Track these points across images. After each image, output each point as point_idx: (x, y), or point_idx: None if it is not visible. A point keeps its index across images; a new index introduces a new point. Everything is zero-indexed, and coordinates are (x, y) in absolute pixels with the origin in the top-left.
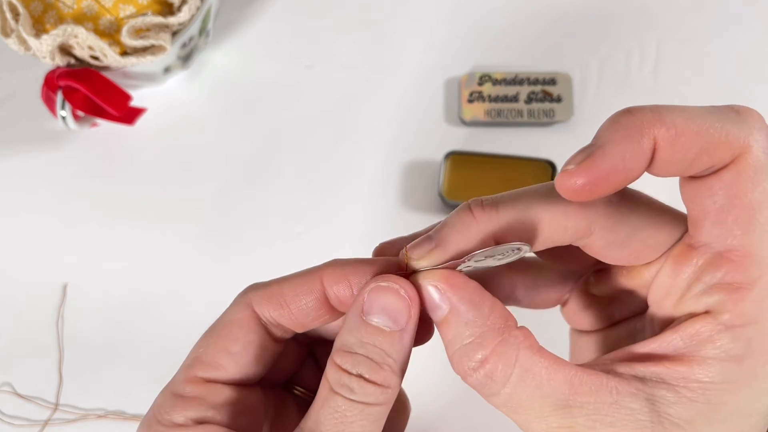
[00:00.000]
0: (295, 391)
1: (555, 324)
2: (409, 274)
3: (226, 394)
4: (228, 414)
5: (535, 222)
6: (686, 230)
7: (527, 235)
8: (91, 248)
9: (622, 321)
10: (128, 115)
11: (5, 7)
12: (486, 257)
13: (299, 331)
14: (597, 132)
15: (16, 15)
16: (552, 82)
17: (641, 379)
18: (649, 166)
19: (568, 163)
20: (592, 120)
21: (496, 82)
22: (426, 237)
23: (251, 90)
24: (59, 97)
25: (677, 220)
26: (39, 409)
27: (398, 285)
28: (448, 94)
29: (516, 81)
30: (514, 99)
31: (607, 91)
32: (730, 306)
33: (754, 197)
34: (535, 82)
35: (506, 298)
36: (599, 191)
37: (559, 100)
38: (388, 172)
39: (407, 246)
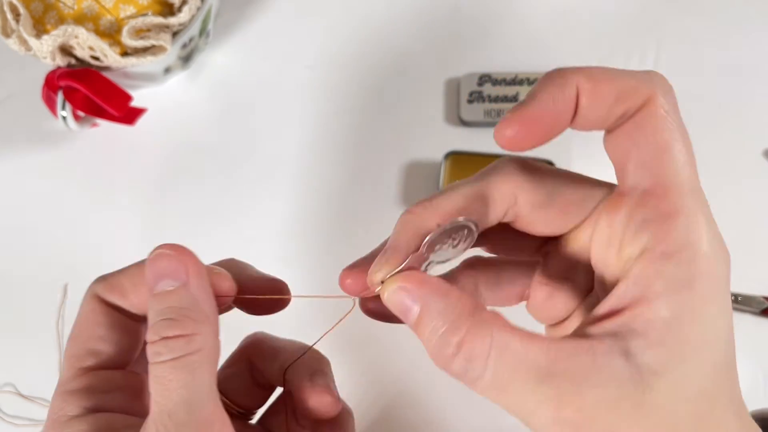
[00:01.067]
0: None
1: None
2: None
3: (113, 379)
4: (120, 398)
5: (467, 202)
6: (609, 191)
7: (463, 215)
8: (91, 248)
9: (584, 301)
10: (129, 115)
11: (6, 8)
12: (440, 247)
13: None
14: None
15: (16, 15)
16: None
17: (612, 335)
18: (574, 119)
19: (504, 115)
20: None
21: (495, 82)
22: (380, 252)
23: (251, 90)
24: (60, 97)
25: (598, 183)
26: (41, 408)
27: (165, 249)
28: (448, 94)
29: (515, 81)
30: (514, 99)
31: None
32: (663, 236)
33: (665, 135)
34: (535, 82)
35: (471, 296)
36: (533, 137)
37: None
38: (388, 172)
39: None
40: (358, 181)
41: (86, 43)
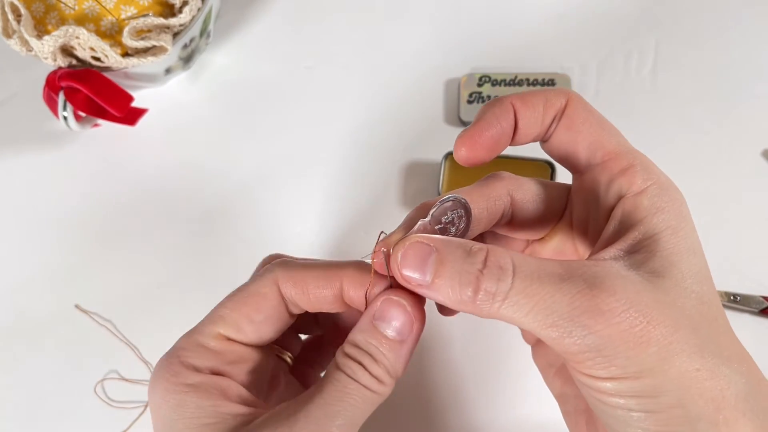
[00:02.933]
0: (273, 349)
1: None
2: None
3: (241, 353)
4: (240, 371)
5: (470, 197)
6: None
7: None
8: (92, 247)
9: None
10: (130, 115)
11: (7, 8)
12: (443, 222)
13: (312, 311)
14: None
15: (18, 16)
16: (551, 83)
17: (614, 258)
18: (515, 133)
19: (458, 137)
20: None
21: (495, 82)
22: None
23: (252, 90)
24: (61, 97)
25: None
26: (143, 389)
27: (406, 302)
28: (448, 94)
29: (515, 82)
30: None
31: (606, 92)
32: (630, 181)
33: (593, 119)
34: (534, 83)
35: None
36: (484, 153)
37: None
38: (388, 172)
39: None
40: (358, 181)
41: (87, 44)
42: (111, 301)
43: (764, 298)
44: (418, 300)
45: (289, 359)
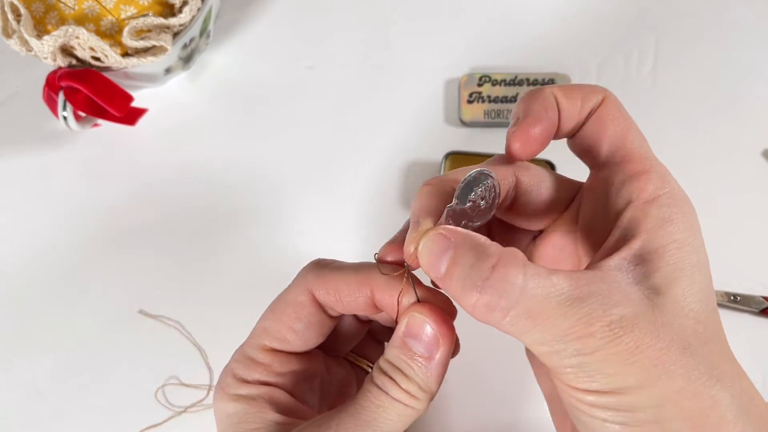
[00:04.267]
0: (349, 357)
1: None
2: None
3: (289, 362)
4: (289, 380)
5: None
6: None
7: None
8: (93, 248)
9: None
10: (129, 115)
11: (7, 8)
12: (471, 200)
13: (349, 314)
14: (515, 110)
15: (17, 16)
16: (551, 82)
17: (617, 269)
18: (559, 123)
19: (509, 132)
20: None
21: (495, 83)
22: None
23: (252, 90)
24: (61, 97)
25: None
26: (201, 393)
27: (430, 319)
28: (448, 94)
29: (515, 82)
30: (514, 100)
31: None
32: (642, 188)
33: (623, 121)
34: (534, 83)
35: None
36: (537, 145)
37: None
38: (388, 172)
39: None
40: (358, 182)
41: (87, 44)
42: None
43: (764, 298)
44: (444, 316)
45: (367, 366)
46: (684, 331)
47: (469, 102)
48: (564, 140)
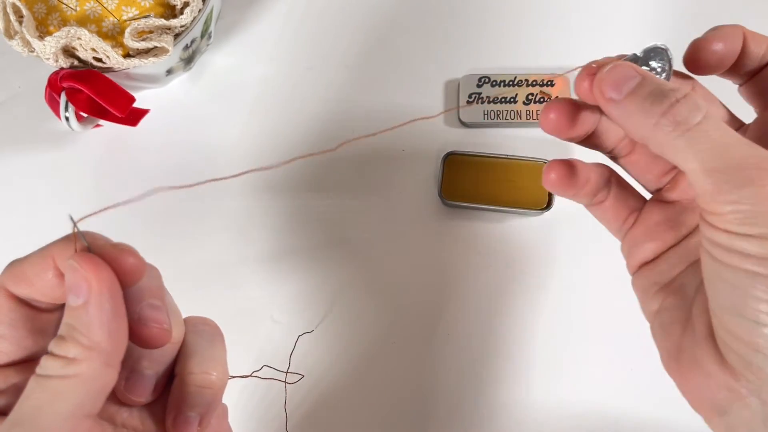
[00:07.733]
0: None
1: None
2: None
3: (8, 377)
4: (13, 397)
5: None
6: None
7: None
8: None
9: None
10: (131, 116)
11: (9, 9)
12: (651, 65)
13: (53, 301)
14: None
15: (19, 17)
16: (550, 83)
17: None
18: (737, 61)
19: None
20: None
21: (495, 83)
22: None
23: (253, 90)
24: (63, 98)
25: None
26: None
27: (75, 262)
28: (448, 95)
29: (515, 83)
30: (513, 101)
31: None
32: None
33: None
34: (534, 83)
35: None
36: (715, 59)
37: None
38: (388, 172)
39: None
40: (358, 181)
41: (89, 45)
42: None
43: None
44: (95, 257)
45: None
46: None
47: (469, 102)
48: (566, 143)
